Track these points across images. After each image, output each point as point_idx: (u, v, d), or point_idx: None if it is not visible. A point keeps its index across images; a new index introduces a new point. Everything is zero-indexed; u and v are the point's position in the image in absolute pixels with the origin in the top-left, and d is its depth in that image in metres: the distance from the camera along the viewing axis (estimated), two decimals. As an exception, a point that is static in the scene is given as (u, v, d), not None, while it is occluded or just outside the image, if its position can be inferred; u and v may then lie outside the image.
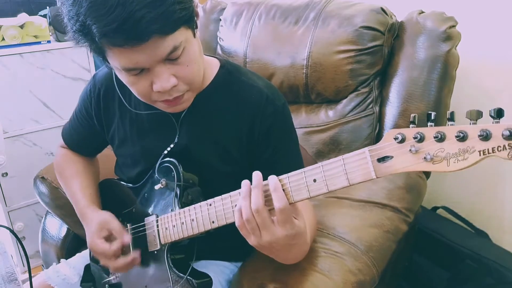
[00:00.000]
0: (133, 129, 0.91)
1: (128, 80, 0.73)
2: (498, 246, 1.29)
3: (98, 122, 0.96)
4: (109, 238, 0.89)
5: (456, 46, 1.13)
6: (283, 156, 0.84)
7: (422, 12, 1.18)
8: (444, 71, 1.12)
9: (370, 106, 1.21)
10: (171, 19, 0.65)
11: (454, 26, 1.12)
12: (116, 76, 0.87)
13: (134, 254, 0.86)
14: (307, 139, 1.27)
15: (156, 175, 0.86)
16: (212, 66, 0.87)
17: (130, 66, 0.68)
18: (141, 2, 0.61)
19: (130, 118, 0.91)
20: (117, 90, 0.89)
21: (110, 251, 0.86)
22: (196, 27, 0.73)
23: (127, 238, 0.87)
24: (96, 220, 0.90)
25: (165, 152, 0.86)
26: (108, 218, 0.89)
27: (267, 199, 0.65)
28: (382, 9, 1.18)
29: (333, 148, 1.24)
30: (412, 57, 1.16)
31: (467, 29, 1.14)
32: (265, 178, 0.66)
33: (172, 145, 0.86)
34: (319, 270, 0.82)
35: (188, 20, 0.69)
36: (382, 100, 1.22)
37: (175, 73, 0.71)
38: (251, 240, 0.68)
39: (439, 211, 1.43)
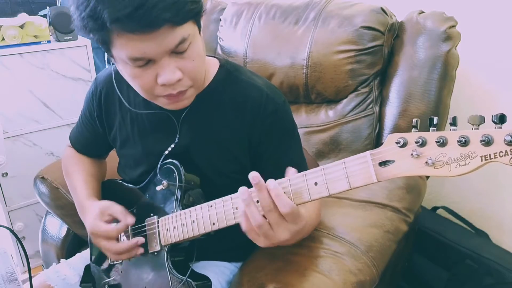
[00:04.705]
0: (134, 130, 0.91)
1: (132, 73, 0.72)
2: (498, 246, 1.29)
3: (100, 124, 0.96)
4: (110, 222, 0.87)
5: (456, 46, 1.13)
6: (285, 154, 0.84)
7: (422, 12, 1.18)
8: (444, 71, 1.12)
9: (370, 106, 1.21)
10: (183, 10, 0.66)
11: (454, 26, 1.12)
12: (115, 75, 0.87)
13: (137, 239, 0.84)
14: (307, 139, 1.27)
15: (158, 176, 0.86)
16: (212, 66, 0.87)
17: (137, 55, 0.68)
18: None
19: (131, 119, 0.91)
20: (116, 90, 0.88)
21: (114, 230, 0.85)
22: (200, 26, 0.74)
23: (131, 219, 0.85)
24: (97, 207, 0.88)
25: (166, 152, 0.86)
26: (109, 204, 0.88)
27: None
28: (382, 9, 1.18)
29: (333, 148, 1.24)
30: (412, 57, 1.16)
31: (467, 29, 1.14)
32: (268, 176, 0.65)
33: (173, 145, 0.86)
34: (319, 270, 0.82)
35: (197, 14, 0.70)
36: (382, 100, 1.22)
37: (180, 67, 0.71)
38: (261, 242, 0.66)
39: (439, 211, 1.44)
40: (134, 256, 0.86)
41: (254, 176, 0.63)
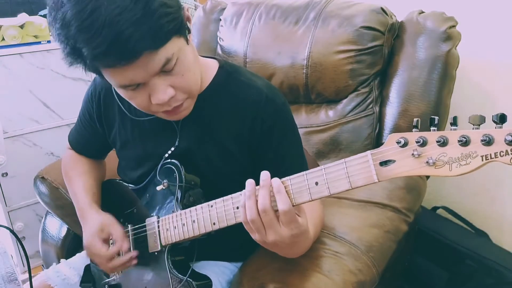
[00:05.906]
0: (134, 133, 0.91)
1: (126, 95, 0.73)
2: (498, 246, 1.29)
3: (100, 125, 0.96)
4: (107, 240, 0.89)
5: (456, 46, 1.13)
6: (286, 155, 0.84)
7: (422, 12, 1.18)
8: (444, 71, 1.12)
9: (370, 106, 1.21)
10: (160, 34, 0.64)
11: (454, 26, 1.12)
12: None
13: (131, 254, 0.86)
14: (307, 139, 1.27)
15: (158, 177, 0.86)
16: (211, 68, 0.86)
17: (125, 83, 0.68)
18: (127, 21, 0.60)
19: (131, 122, 0.90)
20: (116, 98, 0.89)
21: (106, 254, 0.86)
22: (189, 32, 0.72)
23: (126, 245, 0.87)
24: (98, 220, 0.90)
25: (166, 155, 0.86)
26: (111, 221, 0.89)
27: (272, 199, 0.65)
28: (382, 9, 1.18)
29: (333, 148, 1.24)
30: (412, 57, 1.16)
31: (467, 29, 1.14)
32: None
33: (173, 148, 0.86)
34: (320, 270, 0.82)
35: (179, 29, 0.68)
36: (382, 100, 1.22)
37: (171, 84, 0.70)
38: (255, 237, 0.68)
39: (439, 211, 1.44)
40: (128, 267, 0.87)
41: (264, 172, 0.65)
